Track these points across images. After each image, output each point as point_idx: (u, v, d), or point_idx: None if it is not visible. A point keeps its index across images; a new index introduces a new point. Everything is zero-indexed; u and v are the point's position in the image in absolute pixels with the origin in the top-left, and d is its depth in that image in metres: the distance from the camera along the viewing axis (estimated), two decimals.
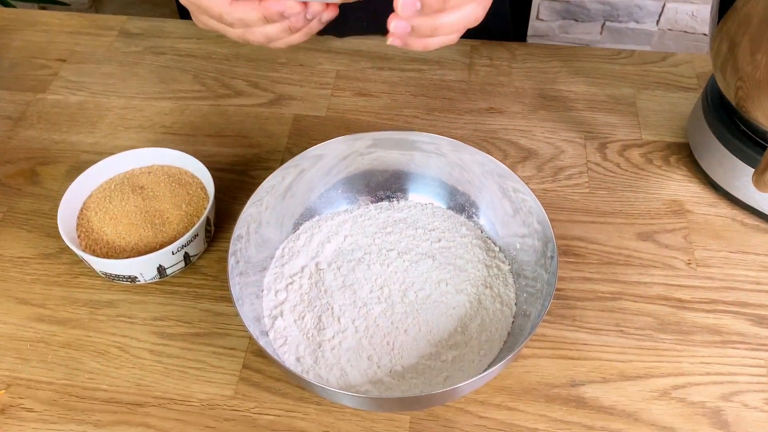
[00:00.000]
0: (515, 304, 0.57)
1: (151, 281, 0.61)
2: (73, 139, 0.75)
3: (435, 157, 0.61)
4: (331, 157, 0.60)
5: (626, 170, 0.71)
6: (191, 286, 0.62)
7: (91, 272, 0.63)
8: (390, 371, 0.53)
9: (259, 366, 0.58)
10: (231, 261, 0.51)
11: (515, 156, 0.74)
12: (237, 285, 0.51)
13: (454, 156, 0.60)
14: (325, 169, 0.61)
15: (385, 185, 0.64)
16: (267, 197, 0.57)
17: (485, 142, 0.76)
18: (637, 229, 0.66)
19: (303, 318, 0.55)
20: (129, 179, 0.67)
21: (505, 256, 0.60)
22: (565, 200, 0.70)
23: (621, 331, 0.59)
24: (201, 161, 0.65)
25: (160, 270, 0.61)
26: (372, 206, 0.63)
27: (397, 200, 0.63)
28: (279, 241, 0.59)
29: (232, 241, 0.52)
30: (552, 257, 0.52)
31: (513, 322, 0.56)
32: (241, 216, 0.54)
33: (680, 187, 0.71)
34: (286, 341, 0.54)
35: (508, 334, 0.55)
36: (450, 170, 0.62)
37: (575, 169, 0.72)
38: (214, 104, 0.80)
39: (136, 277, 0.61)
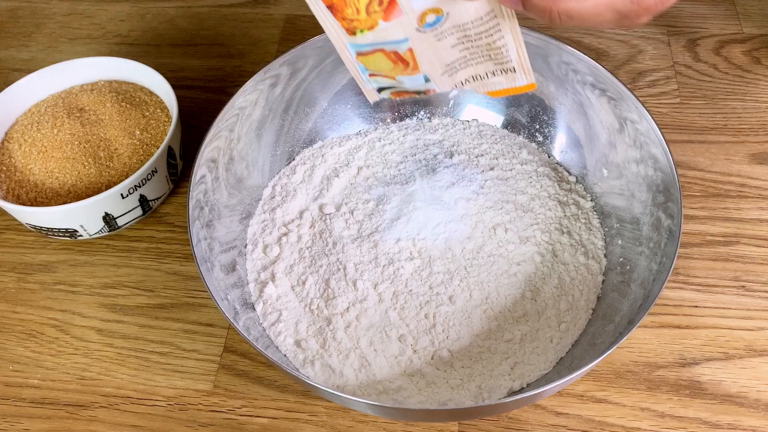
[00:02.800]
0: (605, 256, 0.40)
1: (99, 235, 0.48)
2: (1, 56, 0.63)
3: None
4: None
5: (726, 73, 0.58)
6: (153, 240, 0.50)
7: (19, 226, 0.51)
8: (432, 358, 0.37)
9: (248, 348, 0.43)
10: (191, 208, 0.36)
11: None
12: (204, 240, 0.36)
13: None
14: (327, 72, 0.44)
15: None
16: (241, 120, 0.42)
17: None
18: (749, 148, 0.53)
19: (304, 283, 0.41)
20: (65, 100, 0.51)
21: (585, 189, 0.43)
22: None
23: (742, 287, 0.45)
24: (162, 74, 0.51)
25: (108, 220, 0.46)
26: (394, 126, 0.48)
27: (429, 117, 0.47)
28: (263, 179, 0.46)
29: (192, 181, 0.36)
30: (675, 196, 0.36)
31: (603, 281, 0.39)
32: (203, 147, 0.39)
33: None
34: (281, 317, 0.39)
35: (598, 298, 0.39)
36: None
37: (659, 73, 0.58)
38: (183, 6, 0.67)
39: (76, 231, 0.47)
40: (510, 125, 0.47)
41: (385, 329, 0.38)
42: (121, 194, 0.45)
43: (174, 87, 0.51)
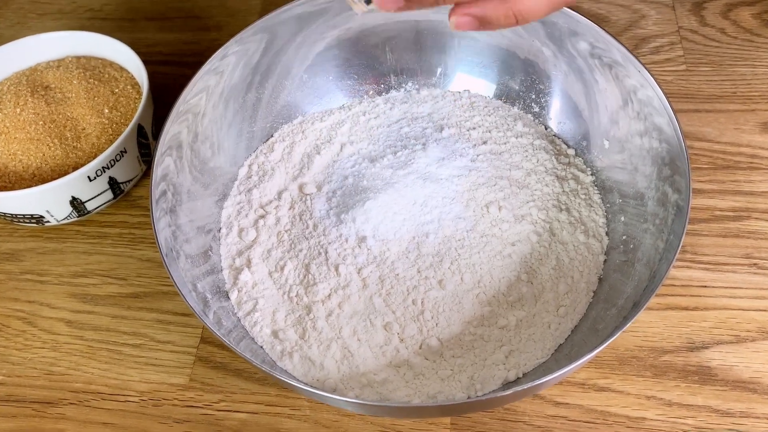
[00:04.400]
0: (606, 234, 0.38)
1: (67, 221, 0.46)
2: None
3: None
4: (314, 21, 0.40)
5: (735, 38, 0.55)
6: (126, 226, 0.48)
7: None
8: (420, 347, 0.35)
9: None
10: (155, 195, 0.35)
11: None
12: (168, 228, 0.34)
13: None
14: (304, 41, 0.41)
15: (396, 64, 0.44)
16: (208, 95, 0.40)
17: None
18: (760, 117, 0.50)
19: (282, 269, 0.39)
20: (29, 77, 0.48)
21: (584, 162, 0.40)
22: None
23: (754, 264, 0.43)
24: (133, 49, 0.48)
25: (76, 204, 0.44)
26: (380, 99, 0.46)
27: (417, 89, 0.45)
28: (235, 158, 0.43)
29: (154, 164, 0.35)
30: (682, 169, 0.33)
31: (605, 261, 0.37)
32: (166, 126, 0.37)
33: None
34: (257, 306, 0.37)
35: (599, 280, 0.36)
36: (498, 37, 0.42)
37: (664, 39, 0.55)
38: None
39: (42, 217, 0.44)
40: (504, 95, 0.44)
41: (369, 317, 0.35)
42: (88, 177, 0.42)
43: (148, 63, 0.48)
